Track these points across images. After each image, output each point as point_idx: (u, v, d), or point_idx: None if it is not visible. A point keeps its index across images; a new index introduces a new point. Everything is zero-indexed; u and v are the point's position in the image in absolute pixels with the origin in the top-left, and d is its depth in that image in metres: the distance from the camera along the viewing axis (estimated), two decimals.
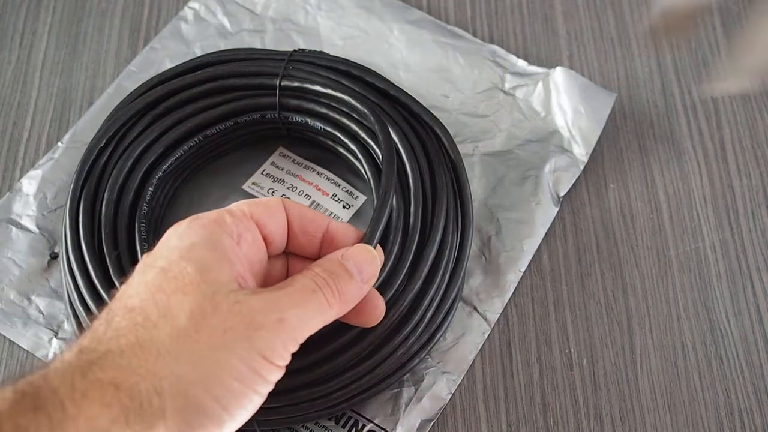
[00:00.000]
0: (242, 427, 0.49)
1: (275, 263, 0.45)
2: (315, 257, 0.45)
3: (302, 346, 0.45)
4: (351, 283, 0.42)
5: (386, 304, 0.50)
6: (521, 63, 0.66)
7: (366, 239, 0.45)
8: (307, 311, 0.39)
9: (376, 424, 0.52)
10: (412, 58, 0.66)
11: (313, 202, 0.59)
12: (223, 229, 0.40)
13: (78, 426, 0.33)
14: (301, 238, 0.44)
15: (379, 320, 0.45)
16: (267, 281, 0.44)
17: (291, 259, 0.46)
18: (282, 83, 0.57)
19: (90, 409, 0.34)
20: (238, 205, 0.42)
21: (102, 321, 0.38)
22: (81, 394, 0.34)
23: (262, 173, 0.61)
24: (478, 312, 0.56)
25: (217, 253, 0.39)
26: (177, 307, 0.37)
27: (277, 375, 0.39)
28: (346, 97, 0.56)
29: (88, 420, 0.33)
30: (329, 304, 0.40)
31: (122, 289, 0.39)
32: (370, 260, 0.43)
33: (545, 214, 0.59)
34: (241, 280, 0.39)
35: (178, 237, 0.40)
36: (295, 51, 0.60)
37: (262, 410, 0.49)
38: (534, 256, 0.58)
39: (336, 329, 0.49)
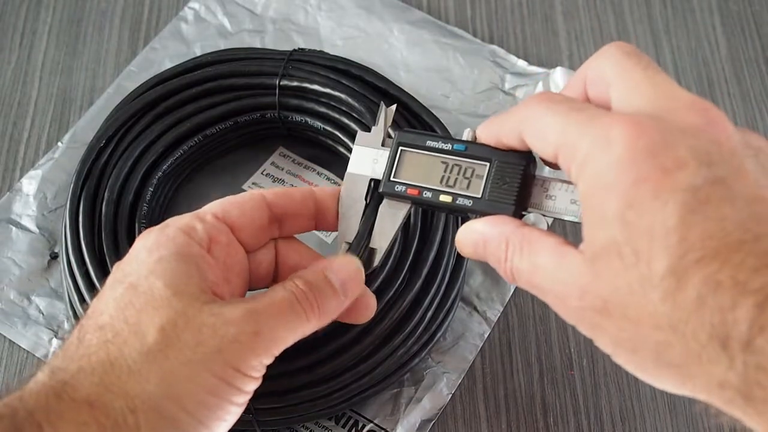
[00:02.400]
0: (242, 427, 0.49)
1: (262, 255, 0.43)
2: (312, 228, 0.44)
3: (302, 347, 0.45)
4: (332, 298, 0.40)
5: (386, 304, 0.50)
6: (521, 63, 0.66)
7: (358, 236, 0.44)
8: (283, 325, 0.38)
9: (376, 424, 0.52)
10: (412, 59, 0.66)
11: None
12: (192, 237, 0.39)
13: None
14: (297, 220, 0.43)
15: (369, 318, 0.43)
16: (254, 277, 0.43)
17: (280, 244, 0.44)
18: (281, 83, 0.57)
19: (66, 429, 0.34)
20: (212, 209, 0.41)
21: (74, 339, 0.37)
22: (56, 415, 0.34)
23: (262, 173, 0.61)
24: (478, 312, 0.56)
25: (186, 265, 0.38)
26: (147, 322, 0.36)
27: (252, 385, 0.38)
28: (345, 96, 0.56)
29: None
30: (307, 319, 0.39)
31: (93, 304, 0.38)
32: (354, 275, 0.41)
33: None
34: (216, 288, 0.39)
35: (147, 250, 0.39)
36: (294, 50, 0.60)
37: (263, 410, 0.49)
38: None
39: (336, 330, 0.49)
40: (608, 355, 0.34)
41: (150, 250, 0.39)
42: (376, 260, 0.43)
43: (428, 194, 0.42)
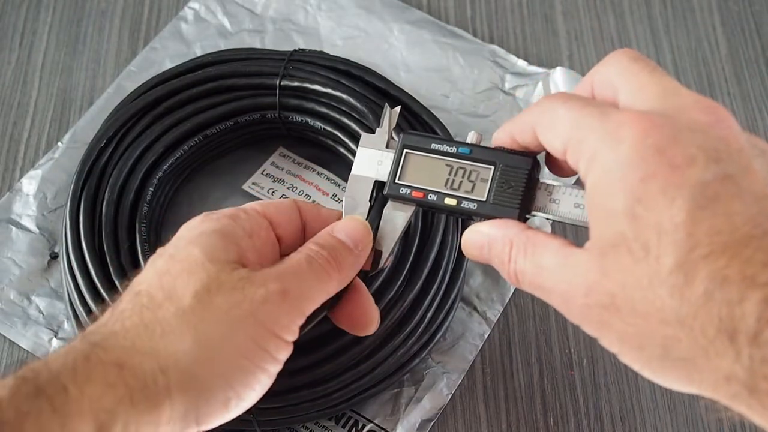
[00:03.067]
0: (242, 427, 0.49)
1: None
2: None
3: (303, 347, 0.45)
4: (346, 253, 0.42)
5: (387, 303, 0.50)
6: (521, 63, 0.66)
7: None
8: (308, 281, 0.39)
9: (377, 424, 0.52)
10: (412, 58, 0.66)
11: (314, 202, 0.59)
12: (237, 222, 0.40)
13: (82, 408, 0.33)
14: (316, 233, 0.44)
15: (374, 329, 0.44)
16: None
17: None
18: (282, 83, 0.57)
19: (93, 391, 0.33)
20: (252, 205, 0.42)
21: (109, 308, 0.38)
22: (84, 376, 0.34)
23: (262, 173, 0.61)
24: (478, 312, 0.56)
25: (225, 241, 0.39)
26: (182, 287, 0.37)
27: (284, 352, 0.38)
28: (346, 97, 0.56)
29: (92, 401, 0.33)
30: (328, 274, 0.40)
31: (134, 279, 0.39)
32: (360, 230, 0.43)
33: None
34: (249, 264, 0.39)
35: (188, 229, 0.40)
36: (294, 51, 0.60)
37: (263, 410, 0.49)
38: None
39: (337, 329, 0.48)
40: (612, 354, 0.34)
41: (191, 228, 0.40)
42: (381, 261, 0.44)
43: (433, 197, 0.42)
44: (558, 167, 0.39)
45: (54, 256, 0.58)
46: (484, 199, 0.41)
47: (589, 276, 0.33)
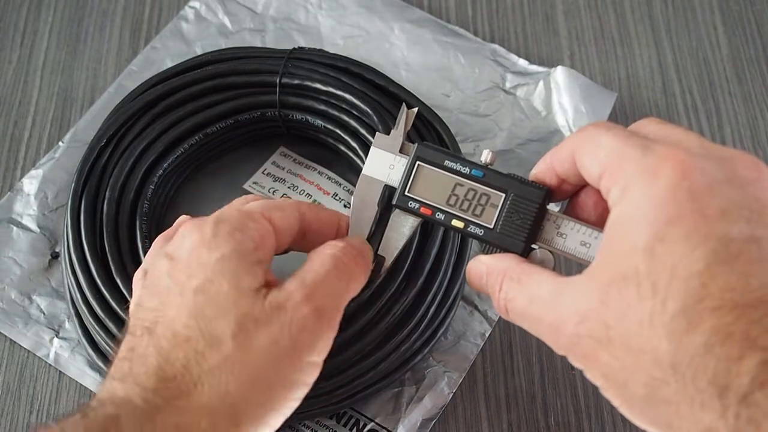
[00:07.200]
0: None
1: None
2: None
3: None
4: (367, 251, 0.43)
5: (388, 300, 0.50)
6: (522, 62, 0.66)
7: (371, 243, 0.45)
8: (337, 288, 0.40)
9: (378, 423, 0.52)
10: (412, 58, 0.66)
11: (315, 201, 0.59)
12: (248, 235, 0.40)
13: None
14: (315, 239, 0.44)
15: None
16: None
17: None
18: (282, 80, 0.57)
19: None
20: (258, 210, 0.42)
21: (149, 344, 0.37)
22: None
23: (263, 173, 0.61)
24: (479, 311, 0.56)
25: (245, 260, 0.39)
26: (221, 331, 0.37)
27: (316, 373, 0.40)
28: (346, 94, 0.56)
29: None
30: (357, 274, 0.41)
31: (151, 304, 0.39)
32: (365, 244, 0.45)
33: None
34: (269, 279, 0.40)
35: (207, 248, 0.39)
36: (294, 49, 0.60)
37: None
38: None
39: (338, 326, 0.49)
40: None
41: (210, 248, 0.39)
42: (384, 268, 0.44)
43: (441, 216, 0.42)
44: (559, 194, 0.40)
45: (55, 256, 0.58)
46: (492, 227, 0.41)
47: (587, 303, 0.33)
